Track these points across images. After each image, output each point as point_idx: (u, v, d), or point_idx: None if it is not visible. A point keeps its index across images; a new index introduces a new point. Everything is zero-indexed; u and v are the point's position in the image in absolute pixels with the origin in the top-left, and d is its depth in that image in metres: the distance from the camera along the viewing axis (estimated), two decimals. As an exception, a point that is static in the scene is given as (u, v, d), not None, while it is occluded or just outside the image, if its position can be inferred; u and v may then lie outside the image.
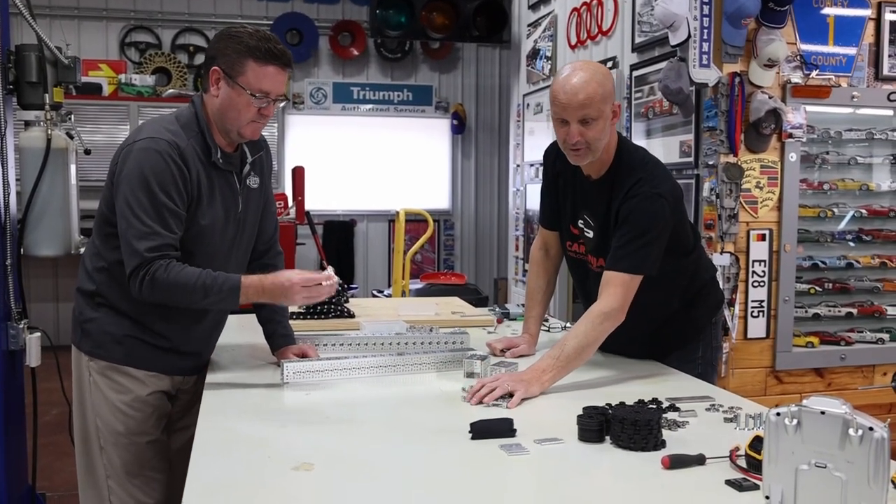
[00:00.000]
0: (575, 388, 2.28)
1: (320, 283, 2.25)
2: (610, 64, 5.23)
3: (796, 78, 4.15)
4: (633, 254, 2.33)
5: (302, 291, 2.23)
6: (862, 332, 4.40)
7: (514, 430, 1.84)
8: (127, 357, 2.36)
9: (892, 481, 1.45)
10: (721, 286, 3.39)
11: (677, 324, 2.62)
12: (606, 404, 1.93)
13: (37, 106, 3.10)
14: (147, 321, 2.34)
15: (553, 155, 2.66)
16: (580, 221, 2.56)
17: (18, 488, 3.24)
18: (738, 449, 1.64)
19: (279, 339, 2.59)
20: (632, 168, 2.43)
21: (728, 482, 1.54)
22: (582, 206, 2.55)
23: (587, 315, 2.33)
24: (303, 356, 2.51)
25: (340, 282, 3.19)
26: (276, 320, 2.62)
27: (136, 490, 2.39)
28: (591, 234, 2.53)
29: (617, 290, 2.31)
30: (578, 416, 1.83)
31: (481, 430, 1.83)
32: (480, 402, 2.08)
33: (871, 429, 1.31)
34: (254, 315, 2.64)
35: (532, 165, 6.67)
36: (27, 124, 3.11)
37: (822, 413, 1.35)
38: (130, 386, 2.36)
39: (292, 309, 3.15)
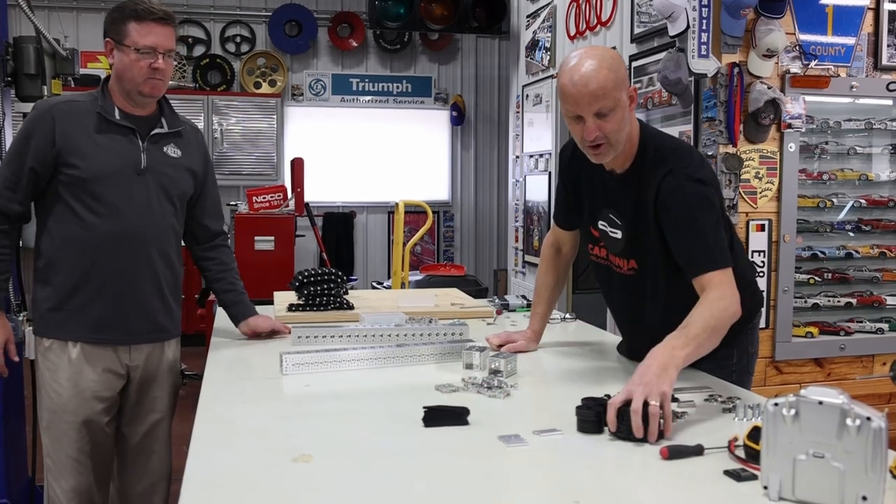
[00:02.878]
0: (573, 379, 2.28)
1: None
2: (609, 54, 5.21)
3: (795, 68, 4.15)
4: (709, 250, 2.11)
5: None
6: (861, 321, 4.40)
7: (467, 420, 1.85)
8: (42, 326, 2.52)
9: (891, 471, 1.45)
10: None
11: None
12: (605, 395, 1.93)
13: (35, 98, 3.10)
14: (49, 281, 2.51)
15: (569, 153, 2.47)
16: (601, 223, 2.37)
17: (18, 480, 3.25)
18: (736, 439, 1.64)
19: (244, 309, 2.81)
20: (661, 157, 2.22)
21: (726, 472, 1.54)
22: (605, 204, 2.35)
23: (705, 299, 2.06)
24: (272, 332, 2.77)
25: (340, 273, 3.21)
26: (238, 290, 2.83)
27: (65, 470, 2.49)
28: (617, 235, 2.32)
29: (716, 283, 2.08)
30: (577, 408, 1.83)
31: (434, 417, 1.84)
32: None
33: (868, 419, 1.32)
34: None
35: (531, 157, 6.66)
36: (25, 116, 3.11)
37: (820, 403, 1.36)
38: (57, 361, 2.49)
39: (292, 300, 3.16)
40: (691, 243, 2.14)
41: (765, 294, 4.08)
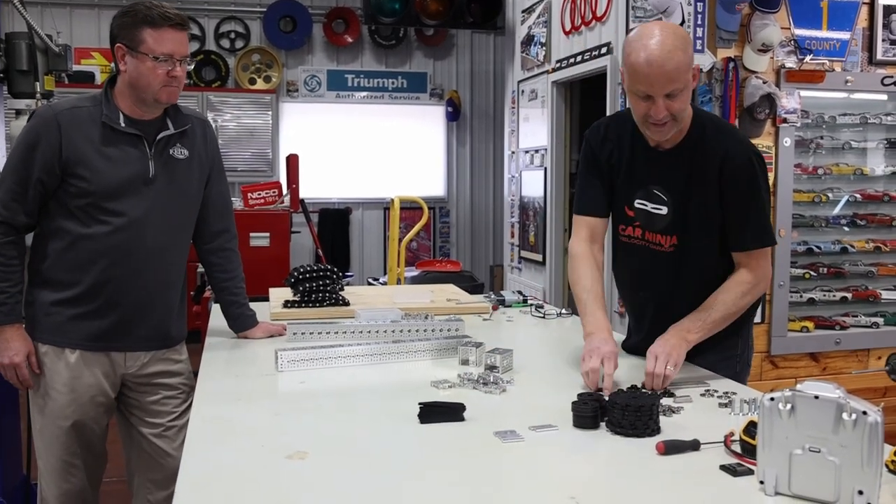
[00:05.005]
0: (569, 374, 2.28)
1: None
2: (604, 50, 5.22)
3: (790, 63, 4.15)
4: (764, 226, 2.28)
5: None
6: (857, 316, 4.41)
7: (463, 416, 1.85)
8: (38, 332, 2.44)
9: (886, 465, 1.45)
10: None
11: None
12: (597, 390, 1.93)
13: (27, 94, 3.09)
14: (51, 285, 2.43)
15: (601, 135, 2.43)
16: (638, 202, 2.36)
17: (13, 478, 3.25)
18: (732, 434, 1.64)
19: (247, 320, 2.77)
20: (719, 130, 2.29)
21: (723, 467, 1.54)
22: (648, 181, 2.34)
23: (734, 283, 2.26)
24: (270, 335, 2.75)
25: (335, 270, 3.21)
26: (240, 302, 2.77)
27: (57, 474, 2.46)
28: (662, 211, 2.32)
29: (760, 263, 2.27)
30: (573, 403, 1.82)
31: (430, 413, 1.83)
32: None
33: (864, 413, 1.32)
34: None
35: (527, 152, 6.66)
36: (18, 113, 3.10)
37: (816, 397, 1.36)
38: (53, 367, 2.43)
39: (288, 297, 3.16)
40: (751, 216, 2.26)
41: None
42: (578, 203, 2.50)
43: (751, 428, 1.55)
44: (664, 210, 2.32)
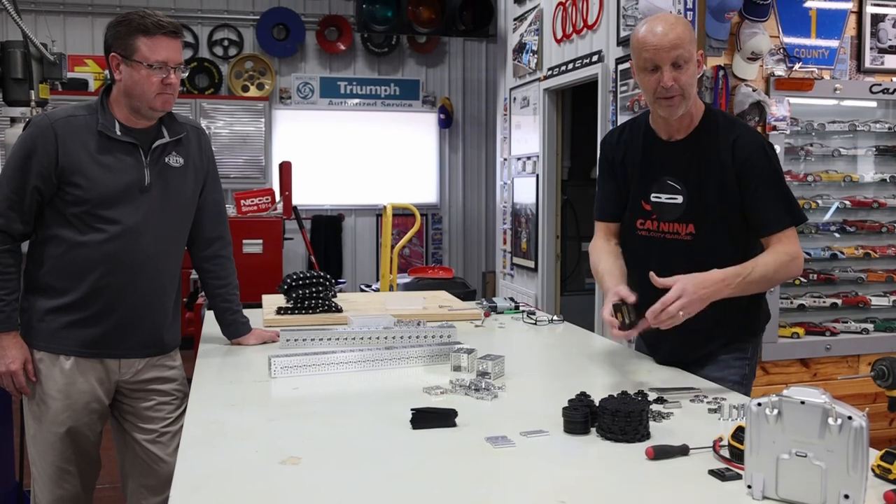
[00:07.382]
0: (560, 380, 2.30)
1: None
2: (595, 58, 5.25)
3: (780, 71, 4.18)
4: (787, 206, 2.31)
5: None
6: (846, 322, 4.43)
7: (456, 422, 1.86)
8: (33, 338, 2.44)
9: (872, 469, 1.47)
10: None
11: (742, 316, 2.44)
12: (582, 393, 1.94)
13: (22, 102, 3.10)
14: (46, 292, 2.43)
15: (616, 135, 2.57)
16: (654, 195, 2.43)
17: (6, 484, 3.24)
18: (721, 439, 1.66)
19: (240, 327, 2.78)
20: (730, 121, 2.41)
21: (711, 472, 1.56)
22: (661, 173, 2.41)
23: (774, 251, 2.27)
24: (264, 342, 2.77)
25: (328, 276, 3.22)
26: (234, 309, 2.78)
27: (50, 480, 2.47)
28: (677, 200, 2.39)
29: (792, 240, 2.29)
30: (564, 409, 1.84)
31: (422, 419, 1.85)
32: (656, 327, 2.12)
33: (850, 418, 1.33)
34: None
35: (519, 159, 6.68)
36: (13, 121, 3.11)
37: (802, 403, 1.38)
38: (47, 373, 2.44)
39: (281, 304, 3.17)
40: (771, 198, 2.30)
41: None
42: (598, 209, 2.64)
43: (739, 433, 1.57)
44: (679, 199, 2.39)
